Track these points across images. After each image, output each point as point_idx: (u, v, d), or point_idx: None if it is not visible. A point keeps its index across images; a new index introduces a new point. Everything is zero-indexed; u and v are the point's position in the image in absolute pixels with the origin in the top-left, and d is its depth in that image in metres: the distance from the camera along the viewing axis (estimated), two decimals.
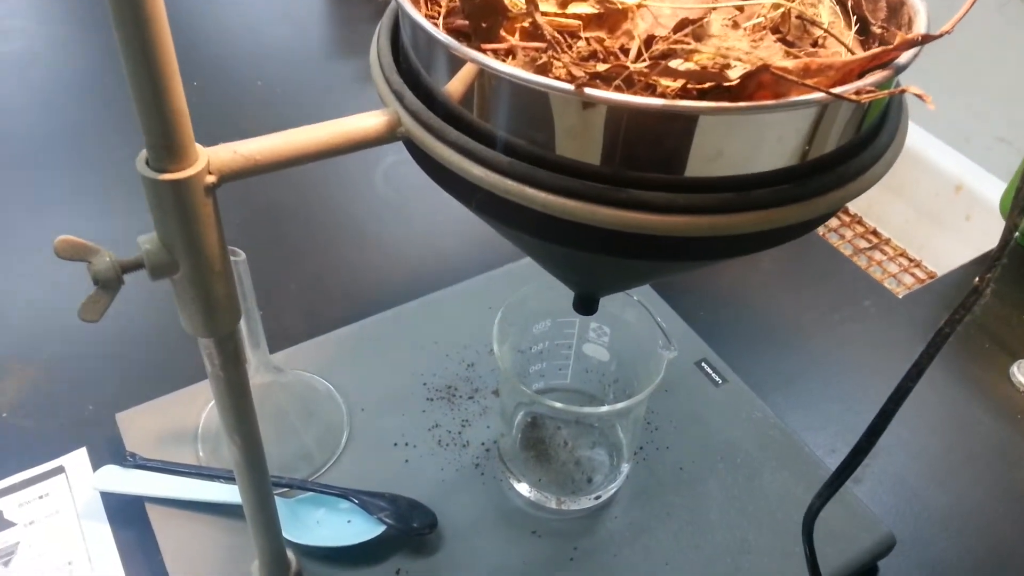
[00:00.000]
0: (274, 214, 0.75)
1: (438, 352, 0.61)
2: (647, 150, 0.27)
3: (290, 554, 0.48)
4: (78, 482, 0.54)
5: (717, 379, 0.60)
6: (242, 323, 0.49)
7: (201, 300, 0.32)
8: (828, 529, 0.49)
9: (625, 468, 0.53)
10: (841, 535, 0.51)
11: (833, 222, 1.23)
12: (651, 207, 0.28)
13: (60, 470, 0.55)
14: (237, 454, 0.39)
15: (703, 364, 0.61)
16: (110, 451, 0.55)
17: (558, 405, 0.45)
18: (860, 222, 1.24)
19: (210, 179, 0.29)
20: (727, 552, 0.51)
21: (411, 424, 0.56)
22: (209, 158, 0.29)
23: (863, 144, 0.31)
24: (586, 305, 0.44)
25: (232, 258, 0.45)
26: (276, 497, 0.51)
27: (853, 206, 1.25)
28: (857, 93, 0.27)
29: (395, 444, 0.55)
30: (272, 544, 0.45)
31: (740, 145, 0.27)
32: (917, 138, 1.12)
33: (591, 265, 0.36)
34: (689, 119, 0.26)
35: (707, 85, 0.27)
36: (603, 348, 0.53)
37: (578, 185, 0.28)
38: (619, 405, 0.45)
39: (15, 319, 0.64)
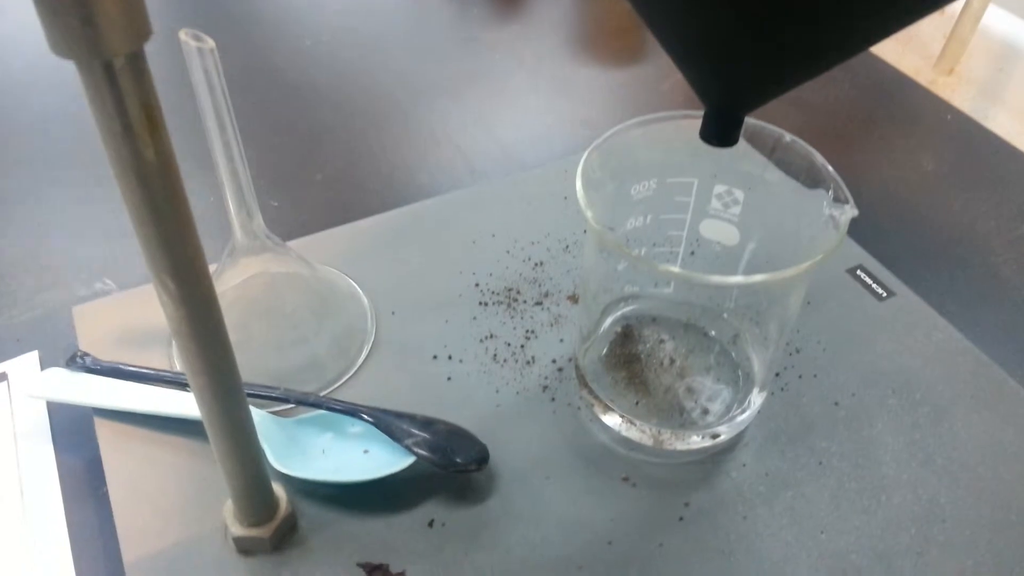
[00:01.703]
0: (303, 94, 0.61)
1: (496, 247, 0.46)
2: None
3: (280, 491, 0.34)
4: (21, 393, 0.41)
5: (880, 291, 0.44)
6: (224, 178, 0.35)
7: None
8: None
9: (757, 399, 0.37)
10: None
11: None
12: None
13: (2, 377, 0.42)
14: (171, 309, 0.24)
15: (860, 272, 0.45)
16: (68, 356, 0.42)
17: (676, 269, 0.29)
18: None
19: None
20: (911, 519, 0.35)
21: (457, 333, 0.42)
22: None
23: None
24: (724, 127, 0.29)
25: (195, 44, 0.31)
26: (270, 416, 0.37)
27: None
28: None
29: (434, 357, 0.41)
30: (249, 473, 0.31)
31: None
32: None
33: None
34: None
35: None
36: (731, 226, 0.37)
37: None
38: (762, 276, 0.29)
39: None
